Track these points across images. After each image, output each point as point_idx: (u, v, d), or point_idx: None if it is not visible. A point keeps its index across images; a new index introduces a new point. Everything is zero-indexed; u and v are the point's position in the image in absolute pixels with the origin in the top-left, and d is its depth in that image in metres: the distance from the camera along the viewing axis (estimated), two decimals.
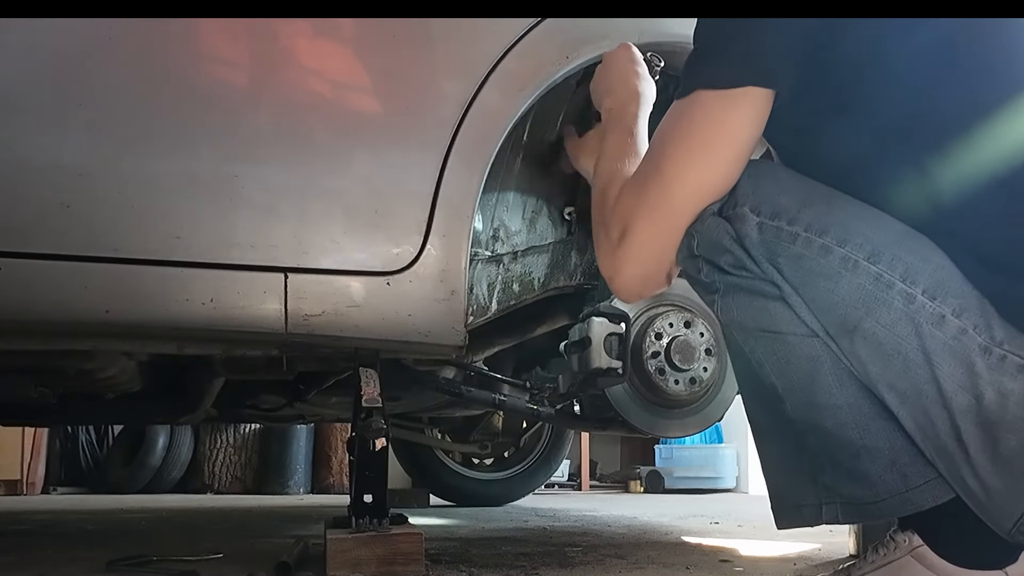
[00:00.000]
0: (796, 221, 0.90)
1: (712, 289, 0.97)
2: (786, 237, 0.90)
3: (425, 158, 1.45)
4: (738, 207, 0.93)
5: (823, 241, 0.88)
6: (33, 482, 4.82)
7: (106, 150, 1.32)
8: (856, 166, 0.95)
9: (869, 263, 0.87)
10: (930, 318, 0.85)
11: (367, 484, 1.41)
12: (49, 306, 1.30)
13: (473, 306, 1.68)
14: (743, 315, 0.95)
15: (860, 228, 0.89)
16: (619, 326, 1.68)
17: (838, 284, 0.87)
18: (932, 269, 0.87)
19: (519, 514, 3.15)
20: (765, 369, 0.96)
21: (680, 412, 1.80)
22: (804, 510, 0.99)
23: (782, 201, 0.91)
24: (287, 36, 1.43)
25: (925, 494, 0.90)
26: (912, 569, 0.93)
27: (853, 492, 0.94)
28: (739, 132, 0.94)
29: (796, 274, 0.89)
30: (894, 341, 0.86)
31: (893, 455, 0.90)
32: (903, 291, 0.86)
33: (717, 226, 0.93)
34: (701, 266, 0.97)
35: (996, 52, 0.94)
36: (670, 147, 0.98)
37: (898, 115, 0.93)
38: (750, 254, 0.91)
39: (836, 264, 0.87)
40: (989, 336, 0.84)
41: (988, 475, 0.85)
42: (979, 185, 0.89)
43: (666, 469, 5.40)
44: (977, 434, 0.84)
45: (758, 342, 0.96)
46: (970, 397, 0.84)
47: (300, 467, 4.93)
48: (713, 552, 1.94)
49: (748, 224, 0.91)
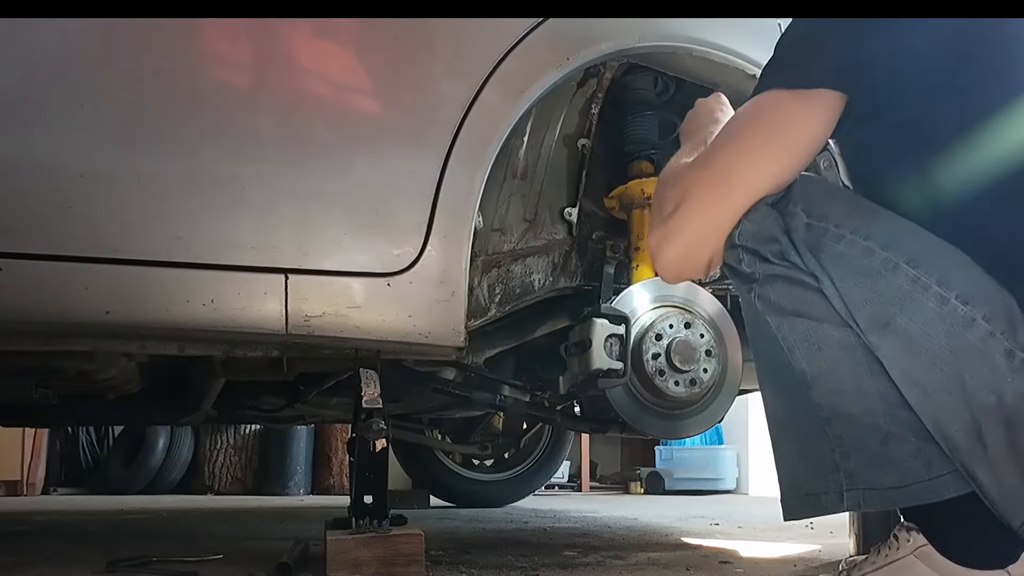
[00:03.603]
0: (843, 225, 0.94)
1: (751, 279, 1.00)
2: (832, 236, 0.94)
3: (426, 159, 1.45)
4: (791, 205, 0.97)
5: (867, 244, 0.93)
6: (33, 483, 4.82)
7: (107, 151, 1.32)
8: (867, 166, 0.96)
9: (909, 266, 0.91)
10: (961, 320, 0.89)
11: (367, 485, 1.41)
12: (50, 307, 1.30)
13: (473, 307, 1.68)
14: (781, 300, 0.98)
15: (902, 237, 0.93)
16: (619, 327, 1.68)
17: (877, 282, 0.92)
18: (966, 277, 0.91)
19: (519, 515, 3.15)
20: (796, 355, 0.99)
21: (680, 413, 1.80)
22: (823, 498, 1.00)
23: (831, 207, 0.96)
24: (288, 37, 1.43)
25: (948, 484, 0.92)
26: (916, 568, 0.94)
27: (877, 478, 0.96)
28: (810, 132, 0.98)
29: (837, 269, 0.93)
30: (925, 339, 0.90)
31: (919, 443, 0.92)
32: (938, 294, 0.90)
33: (768, 215, 0.97)
34: (742, 255, 0.99)
35: (1002, 52, 0.94)
36: (740, 133, 1.01)
37: (906, 116, 0.94)
38: (795, 246, 0.95)
39: (877, 264, 0.92)
40: (1014, 340, 0.89)
41: (1004, 472, 0.88)
42: (985, 185, 0.90)
43: (666, 470, 5.40)
44: (996, 432, 0.88)
45: (792, 328, 0.98)
46: (992, 396, 0.88)
47: (300, 468, 4.94)
48: (713, 553, 1.94)
49: (798, 220, 0.95)
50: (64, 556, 1.84)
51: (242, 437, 5.03)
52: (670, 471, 5.37)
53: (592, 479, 6.08)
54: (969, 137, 0.92)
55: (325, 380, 2.02)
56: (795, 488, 1.04)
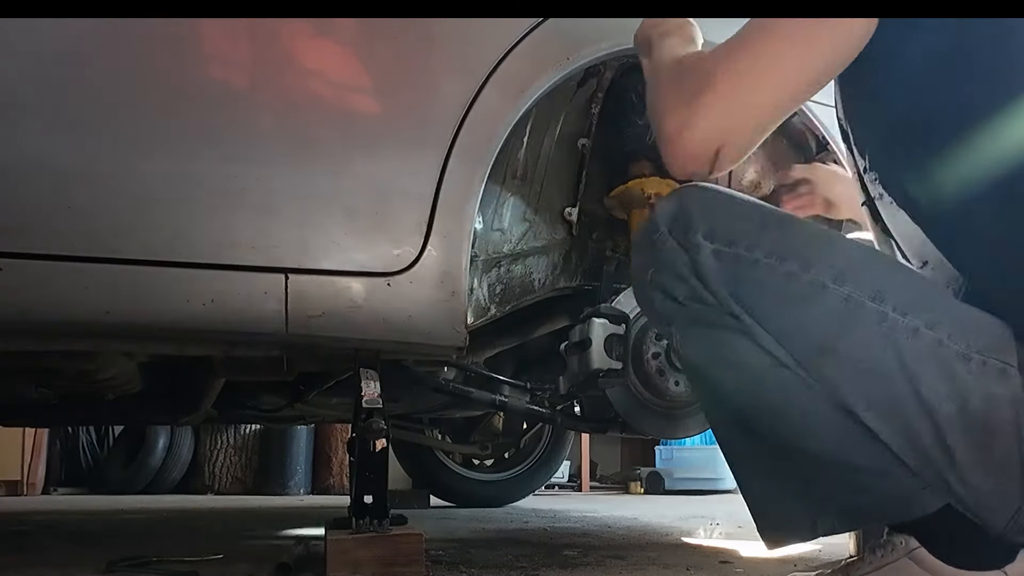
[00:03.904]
0: (755, 247, 0.88)
1: (668, 321, 0.95)
2: (745, 264, 0.87)
3: (426, 159, 1.45)
4: (690, 234, 0.89)
5: (785, 268, 0.87)
6: (33, 483, 4.82)
7: (107, 151, 1.32)
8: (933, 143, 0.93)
9: (836, 285, 0.86)
10: (904, 332, 0.85)
11: (367, 485, 1.41)
12: (49, 307, 1.29)
13: (473, 307, 1.68)
14: (702, 348, 0.93)
15: (822, 251, 0.88)
16: (619, 327, 1.68)
17: (807, 309, 0.86)
18: (899, 286, 0.87)
19: (519, 515, 3.15)
20: (735, 400, 0.94)
21: (680, 413, 1.80)
22: (796, 526, 0.99)
23: (738, 227, 0.89)
24: (288, 36, 1.43)
25: (923, 501, 0.90)
26: (910, 571, 0.93)
27: (847, 500, 0.94)
28: (846, 31, 0.92)
29: (758, 302, 0.87)
30: (870, 359, 0.85)
31: (880, 468, 0.89)
32: (875, 310, 0.85)
33: (672, 255, 0.91)
34: (655, 295, 0.94)
35: (1000, 53, 0.94)
36: (772, 25, 0.94)
37: (903, 114, 0.94)
38: (707, 285, 0.89)
39: (803, 289, 0.86)
40: (965, 344, 0.85)
41: (977, 479, 0.85)
42: (981, 186, 0.89)
43: (666, 470, 5.40)
44: (963, 440, 0.84)
45: (723, 374, 0.93)
46: (953, 405, 0.84)
47: (300, 468, 4.94)
48: (713, 553, 1.94)
49: (703, 252, 0.88)
50: (64, 556, 1.84)
51: (242, 437, 5.03)
52: (670, 471, 5.37)
53: (592, 479, 6.09)
54: (969, 137, 0.91)
55: (325, 380, 2.02)
56: (766, 519, 1.02)
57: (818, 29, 0.92)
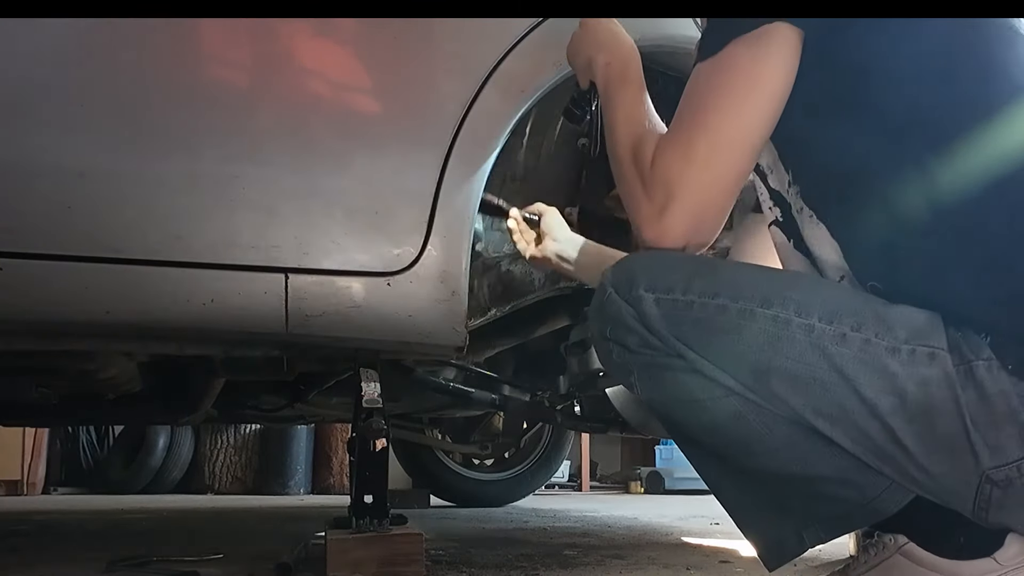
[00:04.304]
0: (688, 291, 0.94)
1: (627, 371, 1.00)
2: (682, 306, 0.94)
3: (426, 159, 1.45)
4: (633, 289, 0.96)
5: (717, 302, 0.93)
6: (33, 482, 4.82)
7: (107, 150, 1.32)
8: (859, 168, 0.96)
9: (763, 308, 0.91)
10: (832, 339, 0.89)
11: (367, 484, 1.41)
12: (49, 307, 1.29)
13: (473, 307, 1.67)
14: (659, 390, 0.99)
15: (746, 282, 0.94)
16: None
17: (741, 335, 0.91)
18: (821, 299, 0.91)
19: (519, 515, 3.16)
20: (699, 435, 1.00)
21: None
22: (786, 543, 1.03)
23: (673, 277, 0.96)
24: (288, 36, 1.43)
25: (891, 498, 0.93)
26: (902, 566, 0.94)
27: (825, 509, 0.98)
28: (777, 72, 0.95)
29: (699, 338, 0.93)
30: (807, 370, 0.89)
31: (842, 476, 0.93)
32: (801, 324, 0.90)
33: (619, 309, 0.97)
34: (612, 347, 1.00)
35: (996, 54, 0.94)
36: (711, 99, 0.97)
37: (899, 117, 0.94)
38: (652, 331, 0.95)
39: (734, 318, 0.92)
40: (892, 338, 0.88)
41: (932, 464, 0.88)
42: (980, 186, 0.90)
43: (666, 470, 5.40)
44: (910, 429, 0.87)
45: (683, 413, 0.99)
46: (893, 398, 0.87)
47: (300, 467, 4.94)
48: (714, 553, 1.94)
49: (646, 303, 0.95)
50: (64, 556, 1.84)
51: (242, 437, 5.03)
52: (670, 471, 5.37)
53: (592, 479, 6.09)
54: (970, 137, 0.92)
55: (325, 380, 2.02)
56: (761, 539, 1.06)
57: (748, 84, 0.95)
